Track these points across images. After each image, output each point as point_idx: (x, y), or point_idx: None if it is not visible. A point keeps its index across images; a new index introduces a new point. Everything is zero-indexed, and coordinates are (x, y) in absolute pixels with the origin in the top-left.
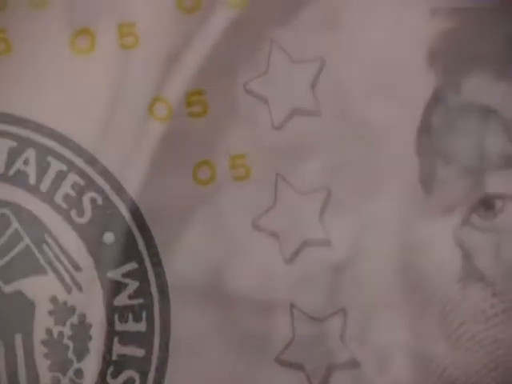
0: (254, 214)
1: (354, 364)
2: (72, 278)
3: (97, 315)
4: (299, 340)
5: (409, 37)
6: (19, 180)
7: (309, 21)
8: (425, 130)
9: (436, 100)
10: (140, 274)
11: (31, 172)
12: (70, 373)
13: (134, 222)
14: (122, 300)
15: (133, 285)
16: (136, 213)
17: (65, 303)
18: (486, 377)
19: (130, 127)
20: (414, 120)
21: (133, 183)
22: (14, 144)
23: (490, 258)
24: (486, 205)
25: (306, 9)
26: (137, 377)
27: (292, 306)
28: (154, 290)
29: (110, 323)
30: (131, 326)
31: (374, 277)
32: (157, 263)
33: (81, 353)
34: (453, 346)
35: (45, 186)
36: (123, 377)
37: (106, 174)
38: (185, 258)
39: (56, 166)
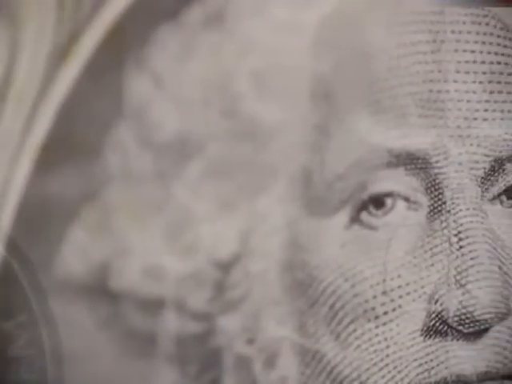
0: (142, 212)
1: (242, 361)
2: None
3: None
4: (187, 337)
5: (295, 41)
6: None
7: (195, 21)
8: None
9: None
10: (30, 325)
11: None
12: None
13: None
14: (14, 351)
15: (24, 335)
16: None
17: None
18: (376, 375)
19: (2, 162)
20: (303, 119)
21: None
22: None
23: (379, 255)
24: (376, 203)
25: (192, 9)
26: None
27: (179, 303)
28: (45, 339)
29: (3, 374)
30: (24, 376)
31: (263, 274)
32: (47, 312)
33: None
34: (342, 344)
35: None
36: None
37: None
38: (71, 257)
39: None
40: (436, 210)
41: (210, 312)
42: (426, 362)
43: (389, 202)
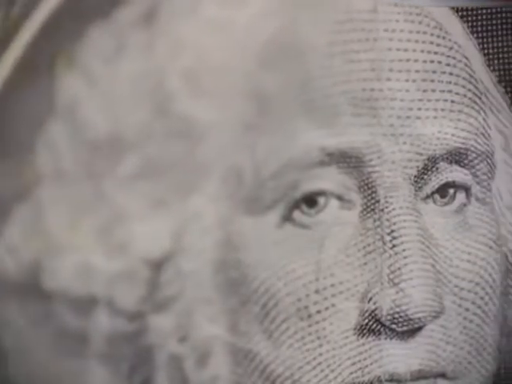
0: (74, 210)
1: (174, 360)
2: None
3: None
4: (119, 336)
5: (239, 38)
6: None
7: (128, 20)
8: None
9: None
10: None
11: None
12: None
13: None
14: None
15: None
16: None
17: None
18: (309, 374)
19: None
20: (235, 118)
21: None
22: None
23: (311, 254)
24: (308, 201)
25: (124, 8)
26: None
27: (111, 302)
28: None
29: None
30: None
31: (195, 273)
32: None
33: None
34: (275, 343)
35: None
36: None
37: None
38: (3, 256)
39: None
40: (369, 209)
41: (143, 311)
42: (360, 361)
43: (321, 200)
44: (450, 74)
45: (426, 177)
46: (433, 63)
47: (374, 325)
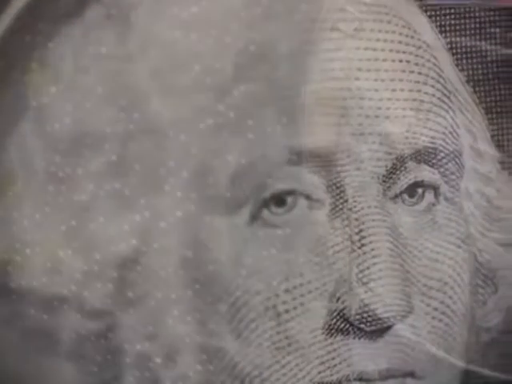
0: (43, 209)
1: (143, 358)
2: None
3: None
4: (87, 335)
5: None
6: None
7: (98, 17)
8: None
9: None
10: None
11: None
12: None
13: None
14: None
15: None
16: None
17: None
18: (278, 373)
19: None
20: (205, 117)
21: None
22: None
23: (280, 253)
24: (277, 201)
25: (94, 6)
26: None
27: (79, 300)
28: None
29: None
30: None
31: (163, 272)
32: None
33: None
34: (244, 342)
35: None
36: None
37: None
38: None
39: None
40: (338, 208)
41: (111, 309)
42: (328, 360)
43: (290, 200)
44: (419, 73)
45: (394, 176)
46: (401, 62)
47: (343, 324)
